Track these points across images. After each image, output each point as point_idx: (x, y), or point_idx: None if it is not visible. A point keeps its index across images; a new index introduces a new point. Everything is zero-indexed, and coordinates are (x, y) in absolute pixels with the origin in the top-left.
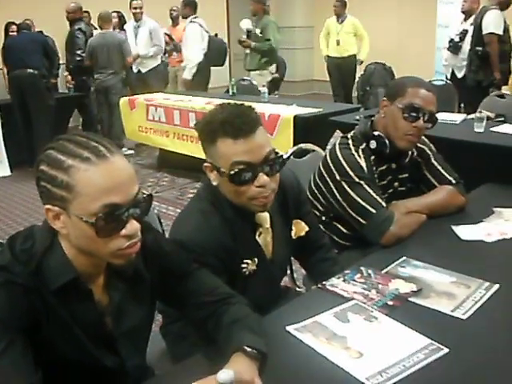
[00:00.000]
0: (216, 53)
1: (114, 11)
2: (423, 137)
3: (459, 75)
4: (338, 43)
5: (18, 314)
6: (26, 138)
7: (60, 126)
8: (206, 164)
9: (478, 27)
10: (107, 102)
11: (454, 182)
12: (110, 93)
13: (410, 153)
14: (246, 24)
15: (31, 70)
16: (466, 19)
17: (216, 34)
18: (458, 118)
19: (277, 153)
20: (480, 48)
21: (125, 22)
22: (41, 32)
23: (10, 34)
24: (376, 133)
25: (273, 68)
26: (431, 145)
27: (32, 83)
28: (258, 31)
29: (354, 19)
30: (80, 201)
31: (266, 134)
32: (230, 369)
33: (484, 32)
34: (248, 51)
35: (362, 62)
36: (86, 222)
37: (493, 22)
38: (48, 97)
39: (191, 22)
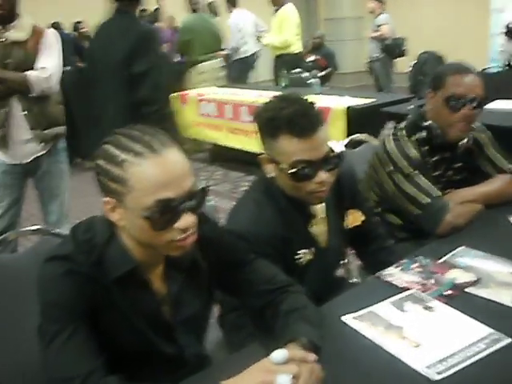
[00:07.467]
0: None
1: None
2: (480, 125)
3: None
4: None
5: (81, 301)
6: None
7: None
8: (262, 156)
9: None
10: None
11: (510, 170)
12: None
13: (464, 141)
14: None
15: None
16: None
17: None
18: None
19: (333, 151)
20: None
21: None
22: None
23: None
24: (427, 123)
25: None
26: (489, 133)
27: None
28: None
29: (290, 9)
30: (134, 195)
31: (326, 131)
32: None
33: None
34: None
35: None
36: (141, 215)
37: None
38: None
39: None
